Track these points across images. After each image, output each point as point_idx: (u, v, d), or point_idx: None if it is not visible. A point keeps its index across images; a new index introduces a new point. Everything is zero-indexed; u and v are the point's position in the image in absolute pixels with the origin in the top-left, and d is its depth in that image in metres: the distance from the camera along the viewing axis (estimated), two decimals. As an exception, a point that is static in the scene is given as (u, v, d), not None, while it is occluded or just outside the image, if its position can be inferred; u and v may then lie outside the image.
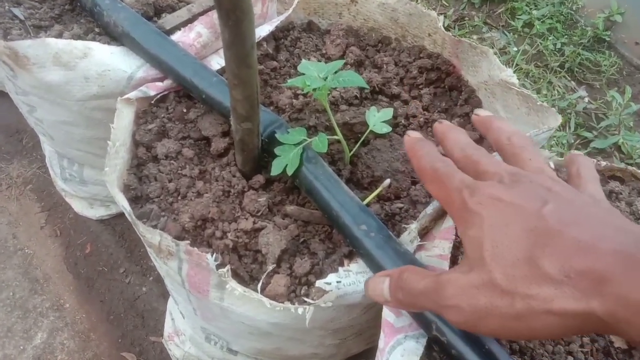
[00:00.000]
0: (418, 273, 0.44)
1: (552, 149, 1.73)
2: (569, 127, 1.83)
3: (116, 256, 1.36)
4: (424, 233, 0.70)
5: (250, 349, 0.86)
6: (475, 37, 2.13)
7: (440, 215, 0.70)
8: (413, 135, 0.51)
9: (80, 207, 1.38)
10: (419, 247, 0.66)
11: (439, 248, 0.64)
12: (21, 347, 1.21)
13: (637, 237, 0.35)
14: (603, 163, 0.73)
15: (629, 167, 0.73)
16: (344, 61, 0.78)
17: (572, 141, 1.80)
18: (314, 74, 0.71)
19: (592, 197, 0.43)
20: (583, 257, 0.34)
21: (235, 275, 0.68)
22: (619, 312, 0.32)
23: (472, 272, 0.38)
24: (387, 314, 0.62)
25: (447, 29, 2.17)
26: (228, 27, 0.51)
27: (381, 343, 0.61)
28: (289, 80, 0.73)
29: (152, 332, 1.24)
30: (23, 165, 1.53)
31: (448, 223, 0.65)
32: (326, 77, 0.70)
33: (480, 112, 0.51)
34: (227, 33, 0.52)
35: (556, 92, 1.94)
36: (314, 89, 0.70)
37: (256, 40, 0.89)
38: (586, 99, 1.94)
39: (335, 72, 0.72)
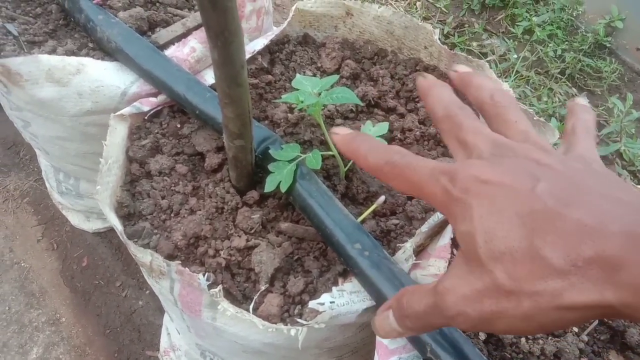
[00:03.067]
0: (415, 293, 0.40)
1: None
2: (570, 135, 1.81)
3: (113, 269, 1.35)
4: (420, 251, 0.69)
5: (246, 367, 0.85)
6: (475, 44, 2.13)
7: (437, 232, 0.69)
8: (341, 132, 0.45)
9: (76, 220, 1.37)
10: (414, 266, 0.65)
11: (435, 267, 0.63)
12: (17, 363, 1.21)
13: None
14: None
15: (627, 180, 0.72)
16: (338, 76, 0.77)
17: (573, 149, 1.78)
18: (308, 90, 0.70)
19: (582, 158, 0.38)
20: (590, 242, 0.30)
21: (228, 294, 0.67)
22: (636, 300, 0.29)
23: (471, 273, 0.35)
24: (381, 335, 0.61)
25: (446, 36, 2.16)
26: (217, 48, 0.51)
27: (375, 362, 0.61)
28: (282, 96, 0.73)
29: (149, 347, 1.23)
30: (20, 178, 1.52)
31: (443, 241, 0.64)
32: (320, 93, 0.70)
33: (459, 68, 0.45)
34: (216, 54, 0.52)
35: (557, 99, 1.93)
36: (308, 105, 0.69)
37: (251, 54, 0.89)
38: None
39: (330, 87, 0.71)
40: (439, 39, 0.87)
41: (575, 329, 0.62)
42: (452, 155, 0.40)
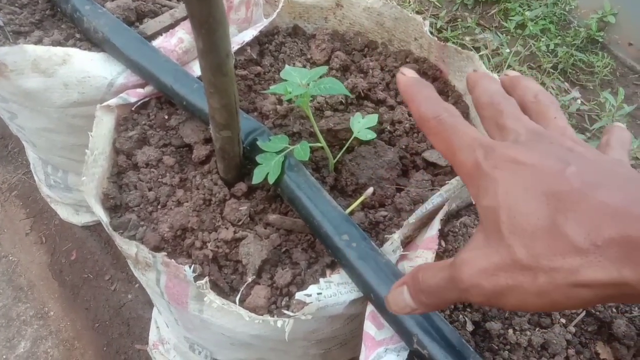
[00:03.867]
0: (431, 268, 0.40)
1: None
2: (562, 129, 1.81)
3: (102, 263, 1.34)
4: (407, 242, 0.69)
5: (234, 359, 0.84)
6: (468, 38, 2.12)
7: (424, 224, 0.69)
8: (409, 74, 0.44)
9: (65, 214, 1.36)
10: (402, 257, 0.65)
11: (422, 258, 0.62)
12: (4, 357, 1.19)
13: None
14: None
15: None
16: (327, 67, 0.77)
17: (565, 143, 1.78)
18: (297, 81, 0.70)
19: (614, 158, 0.40)
20: (612, 222, 0.30)
21: (215, 286, 0.67)
22: None
23: (489, 247, 0.35)
24: (368, 326, 0.61)
25: (439, 30, 2.16)
26: (201, 36, 0.50)
27: (362, 356, 0.60)
28: (271, 87, 0.72)
29: (138, 340, 1.22)
30: (8, 171, 1.51)
31: (431, 232, 0.64)
32: (309, 84, 0.69)
33: (510, 72, 0.47)
34: (201, 42, 0.51)
35: (549, 92, 1.93)
36: (296, 96, 0.68)
37: (240, 45, 0.88)
38: (579, 101, 1.93)
39: (319, 78, 0.70)
40: (429, 30, 0.86)
41: (563, 320, 0.62)
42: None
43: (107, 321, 1.25)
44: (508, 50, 2.06)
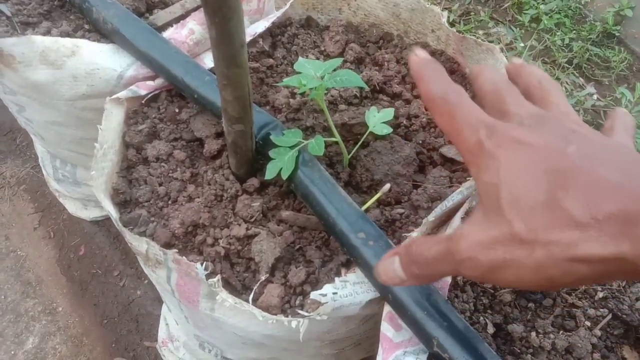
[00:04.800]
0: (427, 241, 0.40)
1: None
2: (577, 125, 1.78)
3: (110, 258, 1.33)
4: (426, 241, 0.66)
5: (245, 358, 0.83)
6: (481, 32, 2.09)
7: (443, 222, 0.67)
8: (421, 54, 0.44)
9: (74, 208, 1.35)
10: (420, 257, 0.63)
11: (441, 258, 0.60)
12: (12, 352, 1.19)
13: None
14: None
15: None
16: (342, 59, 0.75)
17: (580, 139, 1.75)
18: (311, 73, 0.68)
19: (617, 141, 0.40)
20: (612, 197, 0.30)
21: (227, 284, 0.65)
22: None
23: (488, 221, 0.35)
24: (386, 328, 0.59)
25: (452, 24, 2.12)
26: (215, 25, 0.48)
27: (379, 358, 0.58)
28: (284, 80, 0.70)
29: (147, 337, 1.21)
30: (17, 165, 1.50)
31: (450, 231, 0.62)
32: (323, 76, 0.67)
33: (515, 60, 0.47)
34: (214, 31, 0.49)
35: (564, 89, 1.90)
36: (310, 89, 0.66)
37: (252, 37, 0.86)
38: (595, 96, 1.89)
39: (334, 71, 0.68)
40: (447, 22, 0.84)
41: (588, 323, 0.60)
42: None
43: (115, 317, 1.24)
44: (522, 45, 2.02)
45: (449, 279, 0.57)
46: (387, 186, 0.68)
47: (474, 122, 0.38)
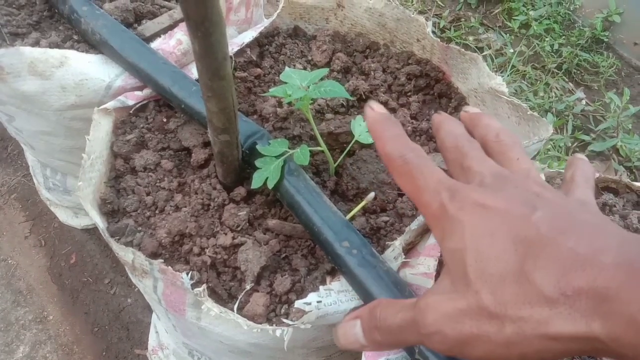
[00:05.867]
0: (392, 305, 0.39)
1: (549, 152, 1.70)
2: (567, 130, 1.80)
3: (101, 266, 1.33)
4: (409, 249, 0.67)
5: (234, 366, 0.83)
6: (471, 38, 2.11)
7: (427, 230, 0.67)
8: (377, 109, 0.43)
9: (65, 217, 1.35)
10: (403, 264, 0.63)
11: (424, 265, 0.61)
12: (3, 361, 1.19)
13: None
14: (597, 174, 0.70)
15: (623, 179, 0.70)
16: (327, 69, 0.75)
17: (570, 144, 1.77)
18: (297, 83, 0.68)
19: (579, 200, 0.39)
20: (582, 271, 0.29)
21: (213, 293, 0.66)
22: (624, 335, 0.28)
23: (455, 292, 0.34)
24: (370, 336, 0.59)
25: (442, 30, 2.14)
26: (198, 39, 0.49)
27: (363, 363, 0.59)
28: (270, 90, 0.71)
29: (137, 345, 1.21)
30: (8, 174, 1.50)
31: (433, 239, 0.62)
32: (309, 87, 0.68)
33: (469, 109, 0.47)
34: (197, 45, 0.50)
35: (553, 94, 1.91)
36: (296, 99, 0.67)
37: (240, 47, 0.87)
38: (584, 101, 1.91)
39: (321, 80, 0.69)
40: (432, 31, 0.85)
41: None
42: None
43: (106, 325, 1.24)
44: (512, 50, 2.04)
45: (430, 286, 0.57)
46: (372, 194, 0.68)
47: (435, 185, 0.37)
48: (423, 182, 0.38)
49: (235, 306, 0.63)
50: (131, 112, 0.81)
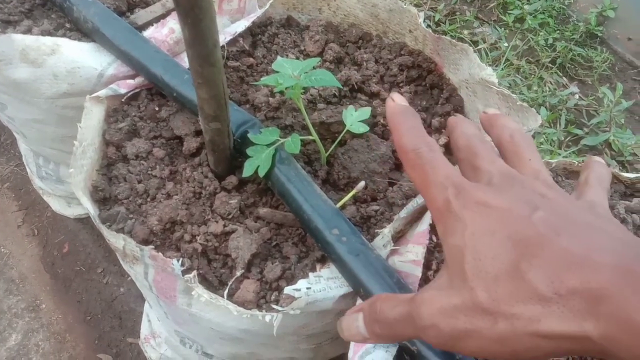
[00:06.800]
0: (391, 299, 0.40)
1: (542, 146, 1.71)
2: (560, 124, 1.81)
3: (94, 256, 1.33)
4: (399, 237, 0.68)
5: (225, 353, 0.84)
6: (466, 32, 2.11)
7: (416, 218, 0.68)
8: (398, 100, 0.44)
9: (57, 206, 1.35)
10: (392, 252, 0.64)
11: (413, 253, 0.61)
12: (-5, 349, 1.19)
13: (638, 250, 0.31)
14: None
15: (612, 170, 0.71)
16: (319, 59, 0.76)
17: (563, 138, 1.78)
18: (288, 72, 0.69)
19: (589, 202, 0.39)
20: (576, 271, 0.30)
21: (204, 280, 0.66)
22: (617, 335, 0.28)
23: (451, 288, 0.35)
24: (358, 322, 0.60)
25: (437, 23, 2.14)
26: (187, 26, 0.49)
27: (350, 351, 0.60)
28: (262, 79, 0.71)
29: (130, 334, 1.21)
30: (1, 163, 1.49)
31: (422, 227, 0.63)
32: (300, 76, 0.68)
33: (489, 110, 0.47)
34: (187, 32, 0.50)
35: (547, 88, 1.92)
36: (287, 88, 0.67)
37: (232, 36, 0.87)
38: (577, 96, 1.92)
39: (313, 69, 0.69)
40: (425, 22, 0.85)
41: None
42: None
43: (99, 314, 1.25)
44: (506, 44, 2.05)
45: (419, 273, 0.58)
46: (362, 183, 0.69)
47: (442, 180, 0.38)
48: (432, 177, 0.38)
49: (226, 292, 0.63)
50: (123, 100, 0.81)
